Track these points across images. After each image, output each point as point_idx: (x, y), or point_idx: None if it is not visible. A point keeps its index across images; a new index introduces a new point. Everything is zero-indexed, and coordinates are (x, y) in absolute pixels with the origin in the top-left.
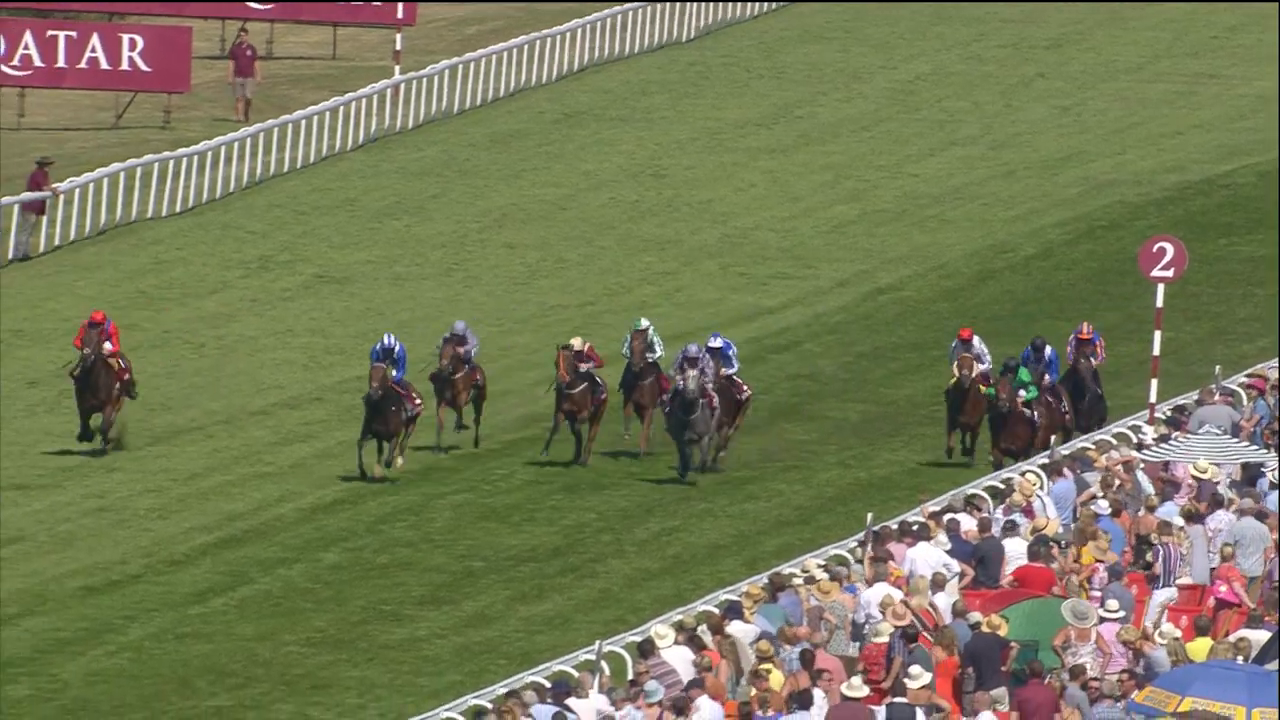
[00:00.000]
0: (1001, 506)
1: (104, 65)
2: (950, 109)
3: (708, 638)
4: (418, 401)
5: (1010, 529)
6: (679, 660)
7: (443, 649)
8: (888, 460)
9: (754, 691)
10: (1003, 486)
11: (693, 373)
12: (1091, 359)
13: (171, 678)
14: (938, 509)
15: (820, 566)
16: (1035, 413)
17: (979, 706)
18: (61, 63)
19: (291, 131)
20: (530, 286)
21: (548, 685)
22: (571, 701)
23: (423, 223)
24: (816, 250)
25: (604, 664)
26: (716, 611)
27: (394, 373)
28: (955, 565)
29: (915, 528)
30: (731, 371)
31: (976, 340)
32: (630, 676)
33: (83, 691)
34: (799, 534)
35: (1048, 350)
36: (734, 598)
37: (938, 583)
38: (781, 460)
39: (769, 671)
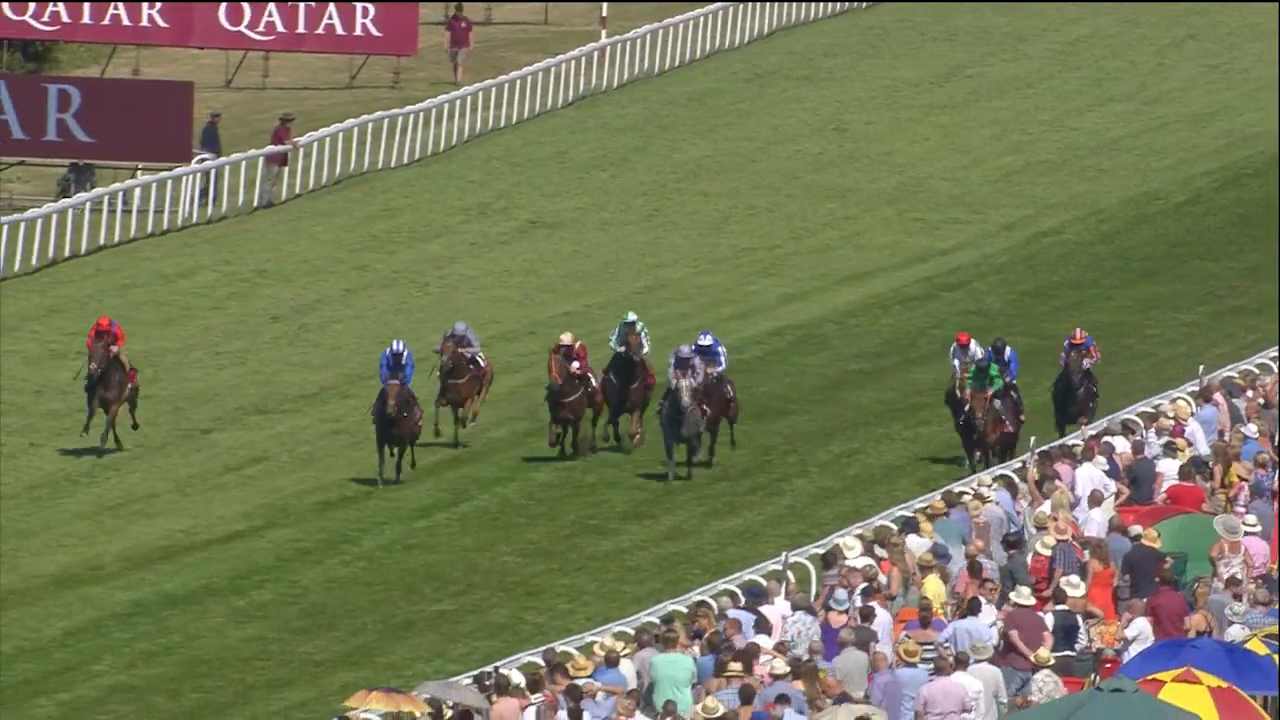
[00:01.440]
0: (1153, 430)
1: (339, 31)
2: (1107, 68)
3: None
4: (419, 406)
5: (1166, 450)
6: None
7: (644, 559)
8: (1048, 389)
9: (920, 598)
10: (1153, 411)
11: (685, 382)
12: (1085, 361)
13: (399, 584)
14: (1095, 433)
15: (988, 485)
16: (1004, 409)
17: (1133, 613)
18: (301, 29)
19: (508, 90)
20: (723, 231)
21: (739, 593)
22: (761, 608)
23: (626, 173)
24: (984, 197)
25: (789, 574)
26: (893, 526)
27: (404, 373)
28: (1112, 484)
29: (1077, 449)
30: (720, 370)
31: (973, 344)
32: (815, 586)
33: (320, 596)
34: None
35: (1007, 351)
36: (908, 513)
37: (1096, 500)
38: None
39: (930, 581)
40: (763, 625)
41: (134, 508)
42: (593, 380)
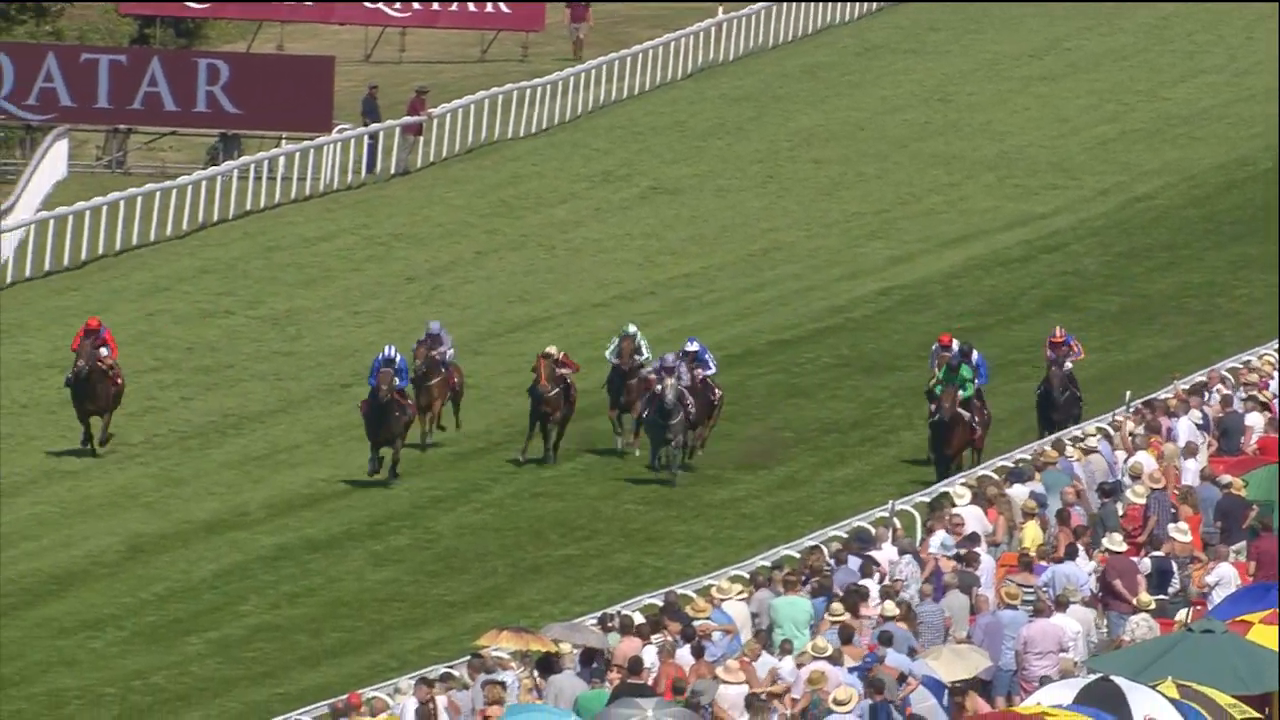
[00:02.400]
0: (1241, 386)
1: (471, 9)
2: (1199, 41)
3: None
4: (411, 406)
5: (1253, 404)
6: (971, 517)
7: (758, 508)
8: (1143, 345)
9: (1020, 544)
10: (1242, 367)
11: (670, 381)
12: (1067, 361)
13: (528, 530)
14: (1187, 388)
15: (1092, 436)
16: (973, 416)
17: (1221, 558)
18: (436, 6)
19: (630, 63)
20: (834, 197)
21: (848, 539)
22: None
23: (741, 141)
24: (1081, 164)
25: (896, 520)
26: (995, 476)
27: (398, 381)
28: (1203, 436)
29: (1171, 403)
30: (708, 374)
31: (955, 345)
32: (919, 532)
33: (453, 541)
34: None
35: (974, 355)
36: (1010, 464)
37: (1191, 451)
38: None
39: (1029, 527)
40: (870, 570)
41: (278, 458)
42: (570, 385)
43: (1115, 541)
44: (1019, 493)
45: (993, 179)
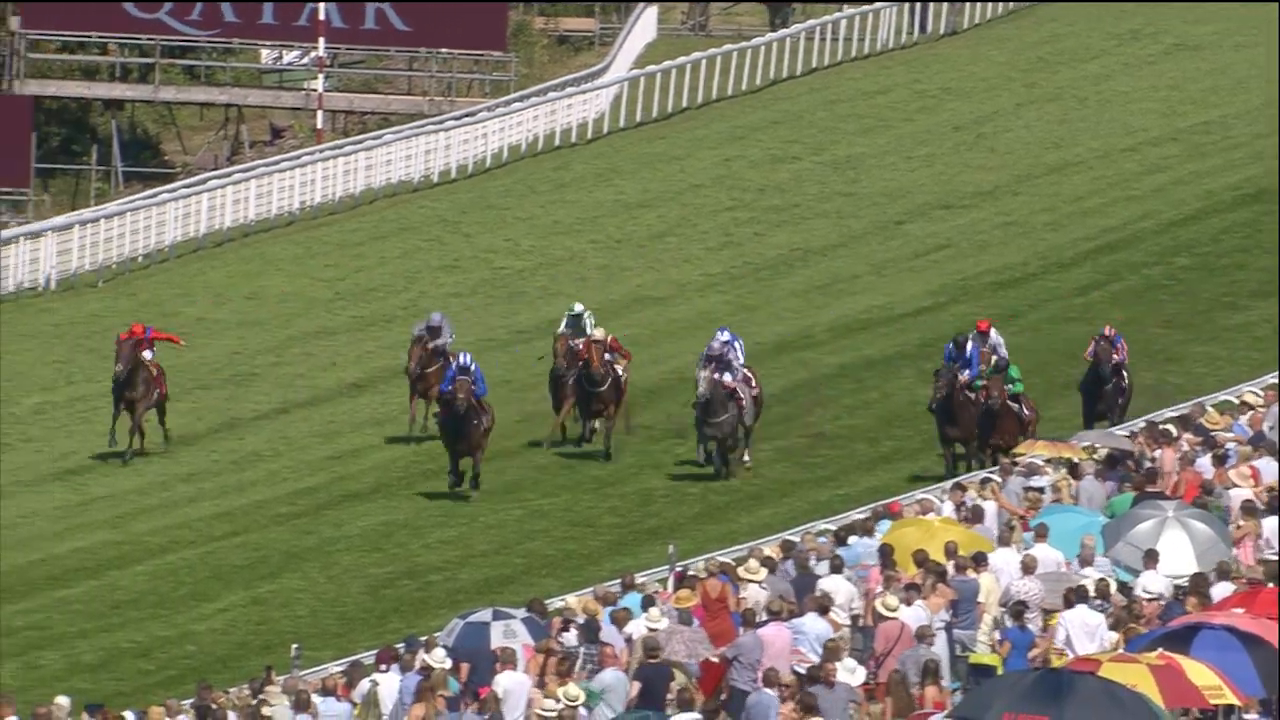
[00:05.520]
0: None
1: None
2: None
3: None
4: (490, 415)
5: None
6: None
7: (1269, 330)
8: None
9: None
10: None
11: (704, 374)
12: (1114, 355)
13: (1062, 352)
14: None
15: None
16: (1023, 406)
17: None
18: None
19: None
20: None
21: None
22: None
23: (1250, 6)
24: None
25: None
26: None
27: (476, 389)
28: None
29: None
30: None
31: (994, 333)
32: None
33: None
34: None
35: (969, 346)
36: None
37: None
38: None
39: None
40: None
41: (839, 287)
42: (619, 370)
43: None
44: None
45: None
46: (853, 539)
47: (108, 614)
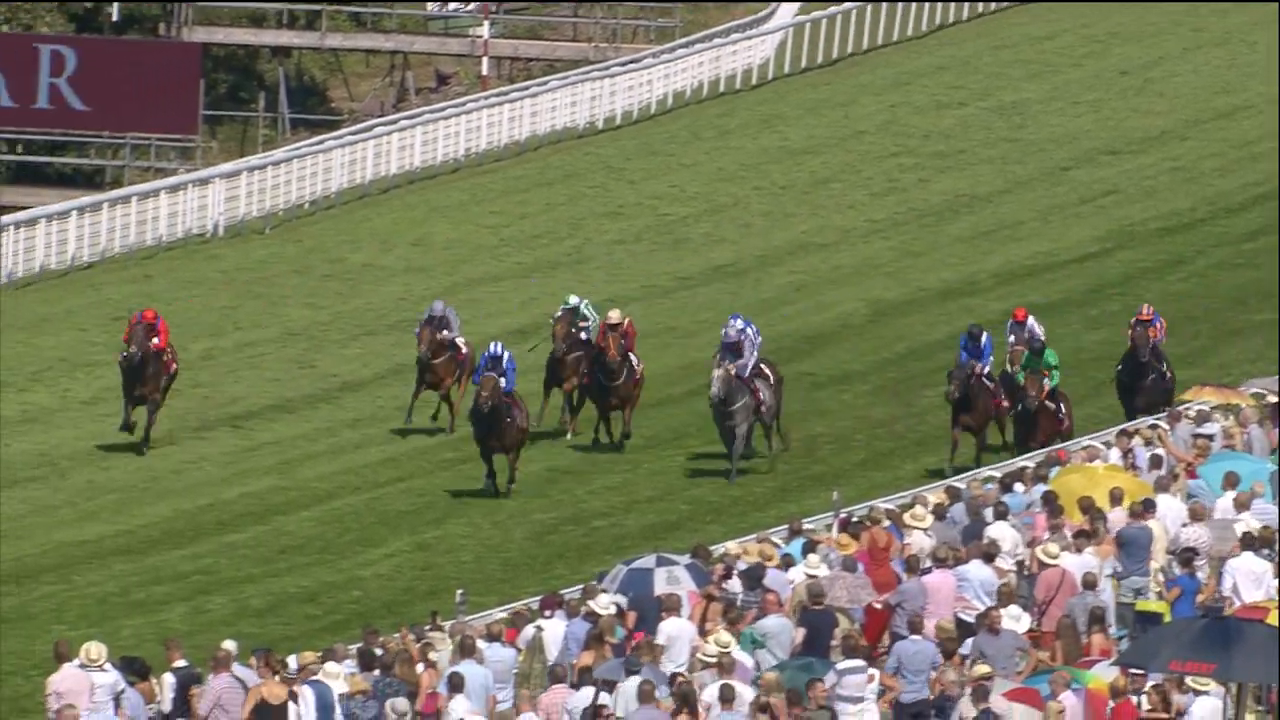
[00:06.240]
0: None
1: None
2: None
3: None
4: (524, 412)
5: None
6: None
7: None
8: None
9: None
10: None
11: (718, 372)
12: (1150, 338)
13: (1227, 299)
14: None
15: None
16: (1060, 406)
17: None
18: None
19: None
20: None
21: None
22: None
23: None
24: None
25: None
26: None
27: (504, 383)
28: None
29: None
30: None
31: (1031, 320)
32: None
33: (1163, 305)
34: None
35: (984, 338)
36: None
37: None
38: None
39: None
40: None
41: (1003, 233)
42: (635, 360)
43: None
44: None
45: None
46: (1018, 486)
47: (274, 559)
